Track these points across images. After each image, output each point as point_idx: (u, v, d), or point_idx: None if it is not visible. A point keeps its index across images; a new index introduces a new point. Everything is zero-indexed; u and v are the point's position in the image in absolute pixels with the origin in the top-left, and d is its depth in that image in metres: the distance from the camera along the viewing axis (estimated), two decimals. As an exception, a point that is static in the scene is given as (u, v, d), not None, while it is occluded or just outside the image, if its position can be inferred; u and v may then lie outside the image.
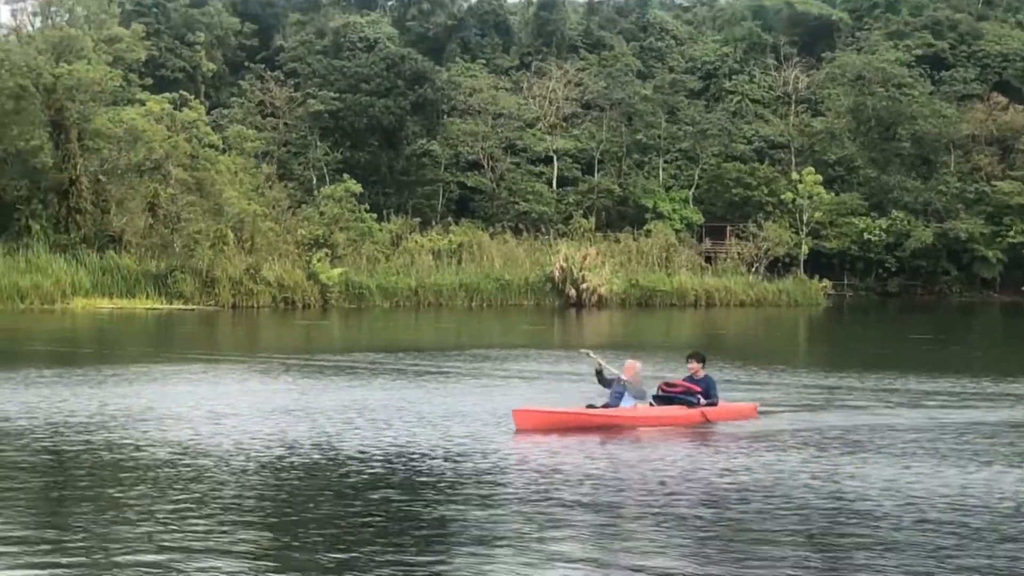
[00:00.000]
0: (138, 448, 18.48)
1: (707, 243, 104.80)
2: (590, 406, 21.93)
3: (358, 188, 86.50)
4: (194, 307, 71.13)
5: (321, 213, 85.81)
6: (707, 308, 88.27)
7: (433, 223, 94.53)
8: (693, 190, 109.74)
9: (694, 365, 22.96)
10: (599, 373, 22.64)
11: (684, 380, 22.83)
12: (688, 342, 56.11)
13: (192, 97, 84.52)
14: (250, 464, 17.06)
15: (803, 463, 17.97)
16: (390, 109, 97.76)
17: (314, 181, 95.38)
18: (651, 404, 22.32)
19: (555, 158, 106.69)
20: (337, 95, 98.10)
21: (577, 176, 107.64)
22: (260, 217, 79.14)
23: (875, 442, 20.23)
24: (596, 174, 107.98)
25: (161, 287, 72.76)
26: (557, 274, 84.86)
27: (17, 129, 73.50)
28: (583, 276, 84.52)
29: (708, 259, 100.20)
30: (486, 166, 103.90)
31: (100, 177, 76.06)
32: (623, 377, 22.17)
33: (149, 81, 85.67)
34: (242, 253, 76.48)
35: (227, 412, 22.78)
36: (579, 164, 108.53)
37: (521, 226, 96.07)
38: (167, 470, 16.49)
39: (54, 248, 72.70)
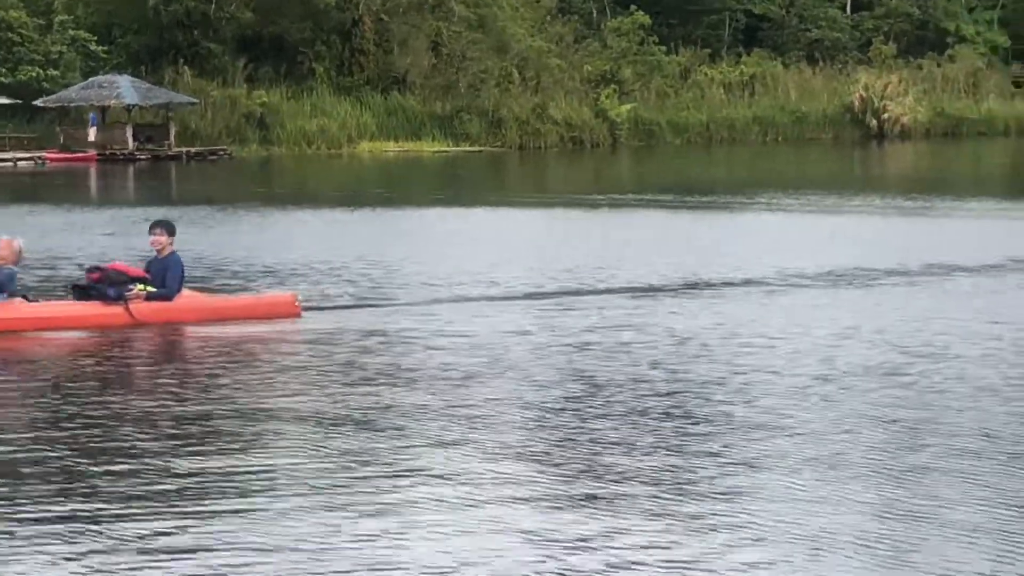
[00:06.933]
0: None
1: (1016, 67, 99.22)
2: None
3: (647, 20, 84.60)
4: (480, 148, 71.66)
5: (607, 47, 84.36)
6: (1018, 137, 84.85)
7: (722, 54, 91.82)
8: (998, 11, 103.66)
9: (160, 238, 15.77)
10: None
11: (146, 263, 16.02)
12: (1001, 175, 53.47)
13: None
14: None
15: None
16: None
17: (594, 14, 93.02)
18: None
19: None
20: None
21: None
22: (545, 54, 78.67)
23: None
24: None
25: (447, 129, 73.46)
26: (857, 104, 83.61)
27: (298, -33, 73.23)
28: (884, 106, 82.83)
29: (1018, 84, 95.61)
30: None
31: (382, 16, 75.91)
32: None
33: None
34: (528, 92, 76.42)
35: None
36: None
37: (816, 55, 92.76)
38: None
39: (338, 91, 73.26)
